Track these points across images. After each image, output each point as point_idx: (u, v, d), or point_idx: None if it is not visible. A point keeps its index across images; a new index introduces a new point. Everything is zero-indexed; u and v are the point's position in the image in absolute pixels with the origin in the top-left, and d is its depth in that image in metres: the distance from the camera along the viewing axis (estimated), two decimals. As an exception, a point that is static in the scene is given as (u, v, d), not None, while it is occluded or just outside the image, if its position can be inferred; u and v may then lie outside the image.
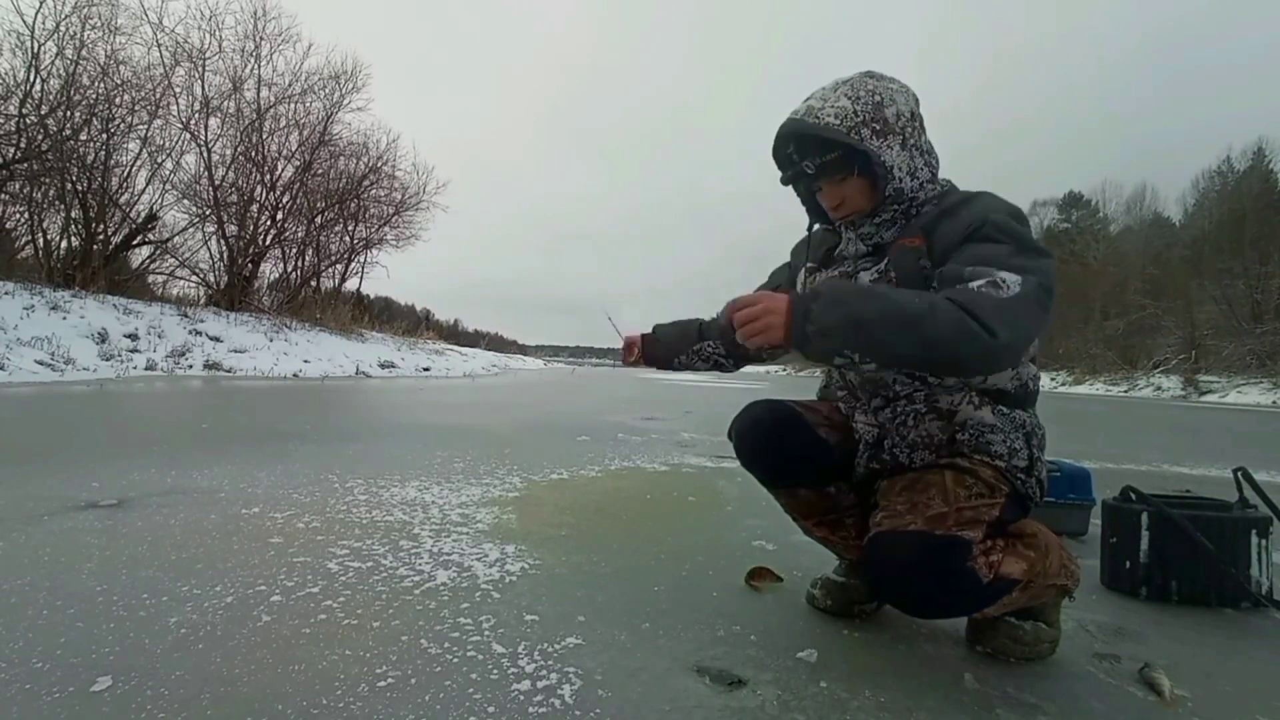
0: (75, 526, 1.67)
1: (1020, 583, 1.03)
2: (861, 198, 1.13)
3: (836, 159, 1.10)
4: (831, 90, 1.10)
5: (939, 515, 1.01)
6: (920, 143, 1.12)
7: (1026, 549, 1.06)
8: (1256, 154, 31.04)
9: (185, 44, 13.29)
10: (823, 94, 1.11)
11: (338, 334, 14.54)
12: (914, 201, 1.11)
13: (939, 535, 0.99)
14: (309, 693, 0.91)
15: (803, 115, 1.10)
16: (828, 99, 1.09)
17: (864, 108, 1.07)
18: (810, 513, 1.27)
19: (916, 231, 1.09)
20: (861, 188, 1.12)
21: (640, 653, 1.09)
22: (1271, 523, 1.46)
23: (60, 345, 7.87)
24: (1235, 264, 26.80)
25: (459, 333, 66.74)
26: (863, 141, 1.06)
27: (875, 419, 1.19)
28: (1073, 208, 43.55)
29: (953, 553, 0.99)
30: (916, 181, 1.10)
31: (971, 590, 1.00)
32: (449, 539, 1.70)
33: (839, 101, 1.08)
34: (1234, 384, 21.32)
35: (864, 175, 1.11)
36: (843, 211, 1.16)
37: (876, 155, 1.07)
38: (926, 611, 1.11)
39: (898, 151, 1.08)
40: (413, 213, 18.76)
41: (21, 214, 11.78)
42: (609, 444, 3.82)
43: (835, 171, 1.12)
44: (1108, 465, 3.69)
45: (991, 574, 1.00)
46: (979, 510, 1.03)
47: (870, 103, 1.07)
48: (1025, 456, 1.10)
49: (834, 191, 1.15)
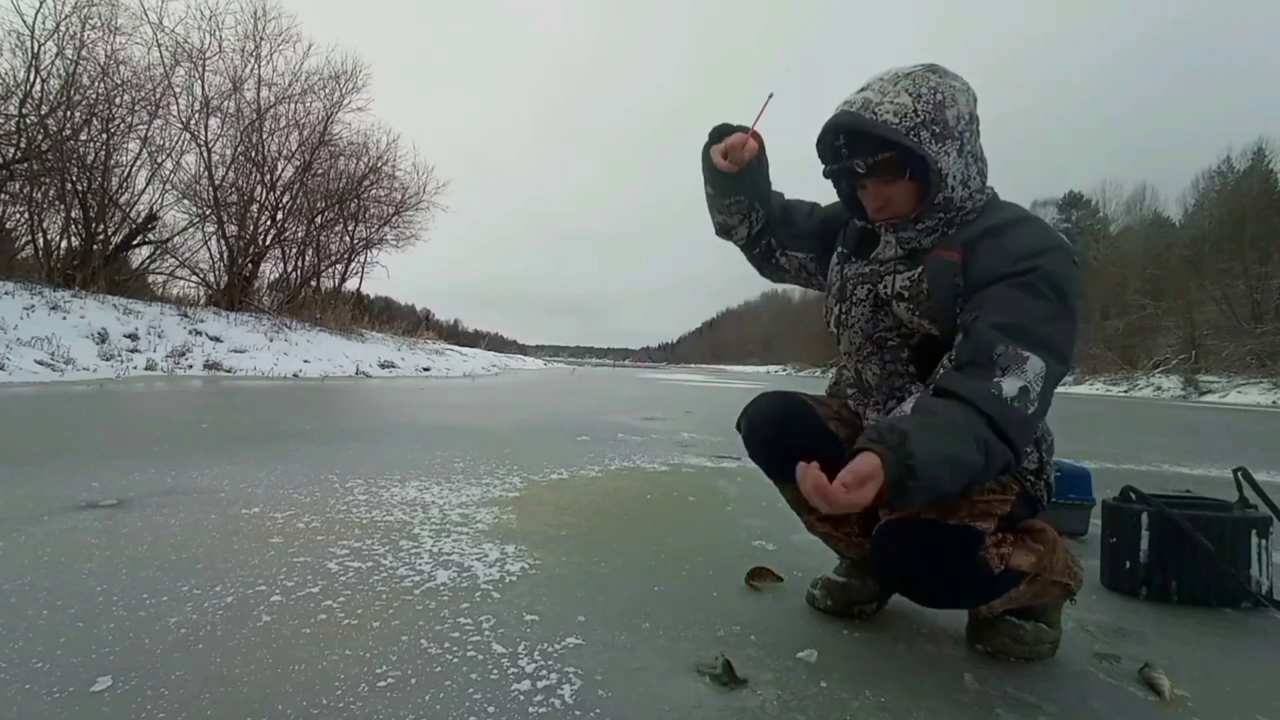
0: (75, 526, 1.67)
1: (1028, 576, 1.04)
2: (907, 201, 1.06)
3: (890, 159, 1.02)
4: (891, 83, 1.01)
5: (952, 506, 1.01)
6: (975, 148, 1.05)
7: (1035, 543, 1.07)
8: (1256, 154, 31.05)
9: (185, 44, 13.29)
10: (881, 86, 1.02)
11: (338, 334, 14.53)
12: (960, 211, 1.05)
13: (952, 524, 1.00)
14: (309, 693, 0.91)
15: (859, 109, 1.01)
16: (887, 93, 1.00)
17: (925, 107, 0.99)
18: (815, 508, 1.27)
19: (957, 245, 1.03)
20: (909, 191, 1.05)
21: (640, 653, 1.09)
22: (1271, 523, 1.46)
23: (60, 345, 7.86)
24: (1235, 264, 26.79)
25: (459, 333, 66.77)
26: (921, 145, 0.99)
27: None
28: (1073, 208, 43.54)
29: (966, 541, 1.00)
30: (967, 191, 1.04)
31: (983, 580, 1.01)
32: (449, 539, 1.70)
33: (899, 97, 0.99)
34: (1234, 384, 21.32)
35: (915, 179, 1.04)
36: (885, 214, 1.09)
37: (934, 161, 1.00)
38: (935, 600, 1.10)
39: (954, 158, 1.02)
40: (413, 213, 18.76)
41: (21, 214, 11.78)
42: (609, 444, 3.82)
43: (887, 172, 1.04)
44: (1108, 465, 3.69)
45: (1003, 565, 1.02)
46: (991, 504, 1.04)
47: (932, 102, 0.99)
48: (1035, 460, 1.11)
49: (879, 192, 1.07)
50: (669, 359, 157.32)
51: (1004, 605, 1.07)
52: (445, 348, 21.95)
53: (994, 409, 0.90)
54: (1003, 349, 0.93)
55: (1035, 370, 0.92)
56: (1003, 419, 0.90)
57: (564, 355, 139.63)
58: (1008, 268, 0.97)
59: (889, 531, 1.04)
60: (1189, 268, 29.43)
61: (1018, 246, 0.99)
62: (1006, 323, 0.94)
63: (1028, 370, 0.92)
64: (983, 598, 1.07)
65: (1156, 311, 29.19)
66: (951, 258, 1.03)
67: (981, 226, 1.03)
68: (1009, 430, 0.90)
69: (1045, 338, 0.94)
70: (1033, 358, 0.92)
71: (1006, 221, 1.03)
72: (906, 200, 1.07)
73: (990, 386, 0.91)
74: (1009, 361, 0.92)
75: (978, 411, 0.90)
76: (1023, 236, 1.00)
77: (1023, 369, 0.92)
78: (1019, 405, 0.91)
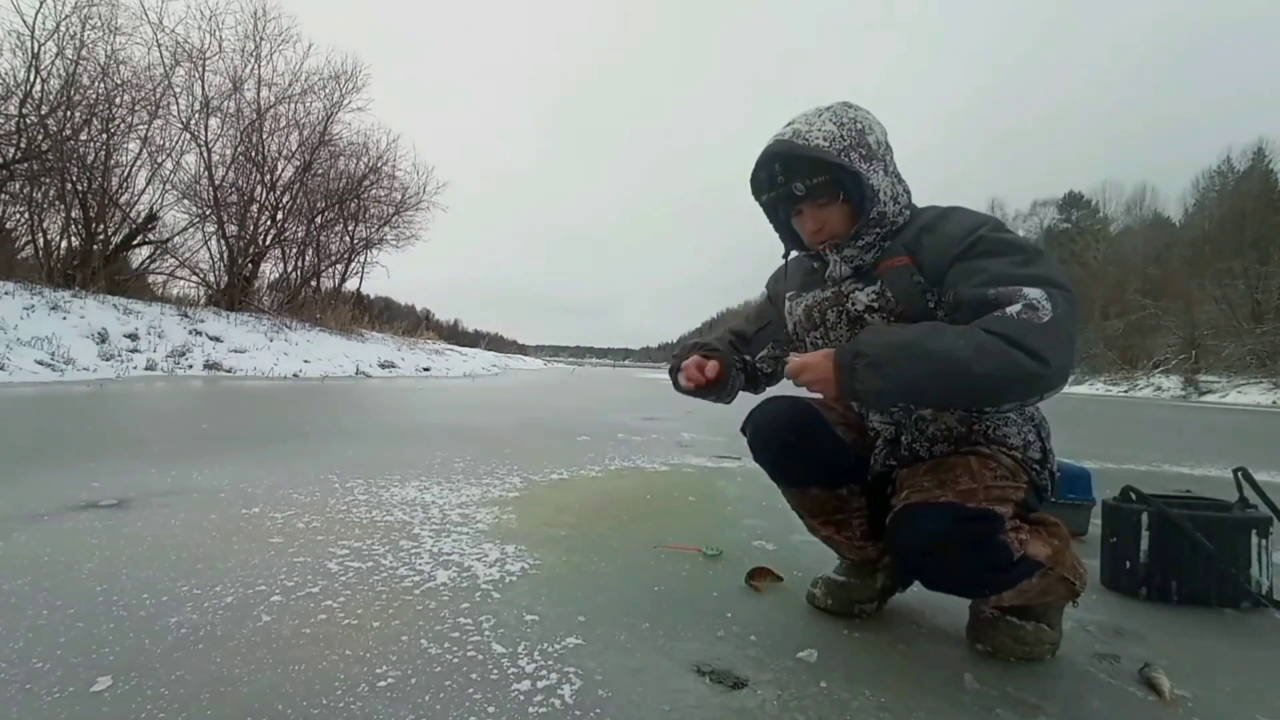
0: (75, 526, 1.67)
1: (1043, 567, 1.05)
2: (841, 223, 1.13)
3: (825, 182, 1.10)
4: (815, 115, 1.11)
5: (969, 490, 1.02)
6: (895, 169, 1.14)
7: (1051, 536, 1.09)
8: (1256, 154, 31.10)
9: (185, 44, 13.30)
10: (806, 118, 1.11)
11: (338, 334, 14.53)
12: (893, 226, 1.12)
13: (972, 507, 1.01)
14: (309, 693, 0.91)
15: (790, 137, 1.09)
16: (813, 123, 1.09)
17: (849, 133, 1.08)
18: (818, 512, 1.27)
19: (901, 250, 1.10)
20: (843, 213, 1.13)
21: (640, 653, 1.09)
22: (1271, 523, 1.46)
23: (60, 345, 7.86)
24: (1235, 264, 26.81)
25: (459, 333, 66.73)
26: (853, 163, 1.07)
27: (892, 417, 1.20)
28: (1073, 208, 43.57)
29: (987, 524, 1.01)
30: (896, 206, 1.12)
31: (1002, 564, 1.02)
32: (449, 539, 1.70)
33: (825, 126, 1.08)
34: (1234, 384, 21.33)
35: (848, 200, 1.11)
36: (822, 236, 1.15)
37: (866, 178, 1.08)
38: (953, 583, 1.10)
39: (881, 176, 1.10)
40: (413, 213, 18.79)
41: (21, 214, 11.78)
42: (609, 444, 3.82)
43: (823, 194, 1.11)
44: (1108, 465, 3.70)
45: (1021, 550, 1.03)
46: (1006, 490, 1.05)
47: (854, 129, 1.09)
48: (1039, 449, 1.13)
49: (815, 216, 1.14)
50: (669, 359, 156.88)
51: (1013, 598, 1.07)
52: (445, 348, 21.94)
53: (998, 326, 0.91)
54: (994, 292, 0.95)
55: (1035, 294, 0.93)
56: (1014, 333, 0.89)
57: (564, 355, 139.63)
58: (956, 248, 1.03)
59: (907, 515, 1.04)
60: (1189, 268, 29.46)
61: (957, 229, 1.05)
62: (986, 279, 0.98)
63: (1027, 294, 0.93)
64: (999, 584, 1.06)
65: (1156, 311, 29.21)
66: (901, 262, 1.09)
67: (915, 228, 1.10)
68: (1024, 339, 0.89)
69: (1028, 276, 0.95)
70: (1026, 288, 0.94)
71: (935, 217, 1.10)
72: (841, 222, 1.13)
73: (994, 313, 0.93)
74: (1005, 298, 0.94)
75: (985, 333, 0.91)
76: (956, 222, 1.06)
77: (1021, 294, 0.93)
78: (1026, 316, 0.91)
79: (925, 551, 1.03)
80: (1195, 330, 26.69)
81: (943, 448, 1.14)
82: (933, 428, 1.16)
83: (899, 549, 1.10)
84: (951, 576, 1.07)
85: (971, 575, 1.05)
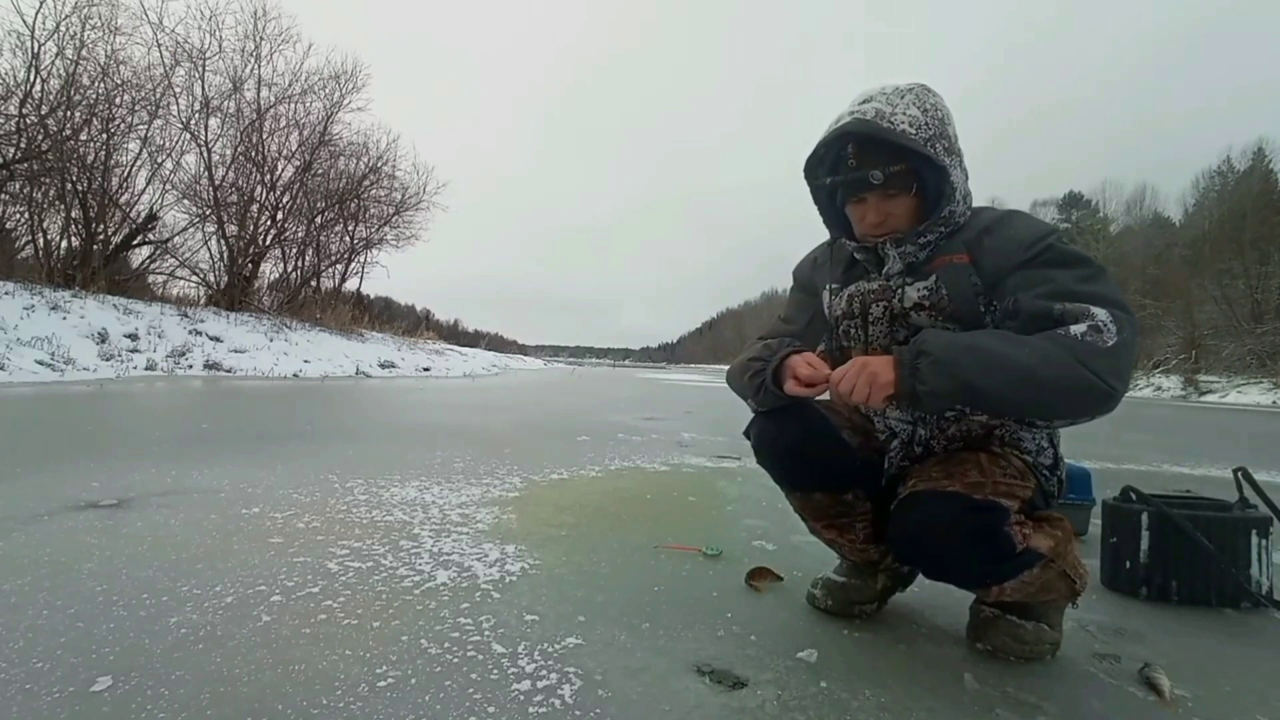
0: (75, 526, 1.67)
1: (1045, 559, 1.04)
2: (905, 216, 1.06)
3: (903, 171, 1.01)
4: (897, 96, 1.02)
5: (977, 483, 1.02)
6: (966, 166, 1.09)
7: (1053, 530, 1.08)
8: (1256, 154, 31.07)
9: (185, 44, 13.31)
10: (886, 97, 1.02)
11: (338, 334, 14.53)
12: (956, 224, 1.07)
13: (978, 499, 1.00)
14: (309, 693, 0.91)
15: (872, 117, 1.00)
16: (895, 104, 1.00)
17: (933, 120, 1.01)
18: (821, 515, 1.26)
19: (960, 248, 1.05)
20: (910, 206, 1.06)
21: (640, 653, 1.09)
22: (1271, 523, 1.46)
23: (60, 345, 7.86)
24: (1235, 264, 26.79)
25: (459, 333, 66.76)
26: (938, 156, 1.00)
27: (912, 415, 1.18)
28: (1073, 208, 43.56)
29: (992, 515, 1.00)
30: (964, 205, 1.07)
31: (1005, 555, 1.01)
32: (449, 539, 1.70)
33: (909, 110, 1.00)
34: (1234, 384, 21.31)
35: (917, 193, 1.05)
36: (883, 229, 1.08)
37: (951, 173, 1.02)
38: (955, 572, 1.08)
39: (958, 172, 1.04)
40: (413, 213, 18.80)
41: (21, 214, 11.79)
42: (609, 444, 3.81)
43: (899, 185, 1.03)
44: (1108, 465, 3.69)
45: (1025, 543, 1.02)
46: (1013, 487, 1.05)
47: (937, 116, 1.02)
48: (1051, 455, 1.13)
49: (881, 207, 1.06)
50: (669, 359, 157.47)
51: (1015, 590, 1.06)
52: (445, 348, 21.95)
53: (1065, 343, 0.89)
54: (1060, 307, 0.93)
55: (1103, 316, 0.91)
56: (1081, 354, 0.87)
57: (564, 355, 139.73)
58: (1022, 254, 0.99)
59: (912, 501, 1.04)
60: (1189, 268, 29.43)
61: (1025, 234, 1.01)
62: (1050, 291, 0.95)
63: (1095, 314, 0.91)
64: (1001, 575, 1.05)
65: (1156, 311, 29.17)
66: (961, 260, 1.05)
67: (976, 228, 1.06)
68: (1090, 360, 0.87)
69: (1093, 294, 0.94)
70: (1093, 308, 0.92)
71: (997, 219, 1.06)
72: (906, 215, 1.07)
73: (1058, 329, 0.91)
74: (1071, 316, 0.92)
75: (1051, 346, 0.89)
76: (1022, 226, 1.03)
77: (1089, 314, 0.91)
78: (1092, 339, 0.89)
79: (929, 536, 1.02)
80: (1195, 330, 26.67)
81: (958, 447, 1.13)
82: (954, 428, 1.14)
83: (902, 534, 1.06)
84: (953, 565, 1.06)
85: (974, 565, 1.04)
